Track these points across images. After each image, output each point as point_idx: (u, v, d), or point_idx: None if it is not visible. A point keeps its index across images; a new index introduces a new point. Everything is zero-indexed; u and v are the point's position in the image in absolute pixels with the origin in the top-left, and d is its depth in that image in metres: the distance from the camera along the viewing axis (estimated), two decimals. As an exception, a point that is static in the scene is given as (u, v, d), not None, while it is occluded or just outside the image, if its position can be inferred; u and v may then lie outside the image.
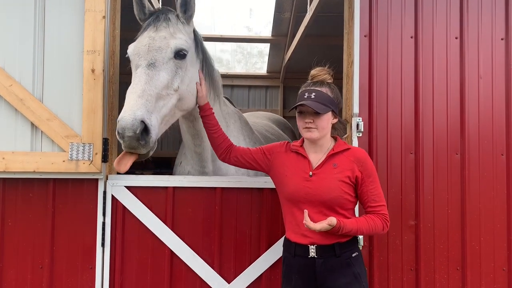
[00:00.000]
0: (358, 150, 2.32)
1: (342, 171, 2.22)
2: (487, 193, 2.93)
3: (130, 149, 2.19)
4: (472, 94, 2.97)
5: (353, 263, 2.21)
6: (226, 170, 2.99)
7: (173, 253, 2.77)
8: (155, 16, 2.53)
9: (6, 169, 2.65)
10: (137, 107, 2.16)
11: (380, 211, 2.22)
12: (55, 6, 2.77)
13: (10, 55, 2.74)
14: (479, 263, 2.91)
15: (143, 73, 2.30)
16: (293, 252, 2.25)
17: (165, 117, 2.37)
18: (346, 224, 2.13)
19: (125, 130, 2.10)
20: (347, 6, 3.00)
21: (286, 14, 6.27)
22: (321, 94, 2.22)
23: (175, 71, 2.42)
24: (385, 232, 2.26)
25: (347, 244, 2.22)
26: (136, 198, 2.77)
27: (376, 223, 2.19)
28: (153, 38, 2.43)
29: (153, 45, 2.40)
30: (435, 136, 2.94)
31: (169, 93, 2.37)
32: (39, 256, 2.76)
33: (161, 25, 2.49)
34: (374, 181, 2.24)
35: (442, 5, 3.01)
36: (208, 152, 2.94)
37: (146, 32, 2.49)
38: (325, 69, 2.36)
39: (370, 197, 2.22)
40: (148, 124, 2.16)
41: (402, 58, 2.97)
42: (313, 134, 2.23)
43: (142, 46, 2.41)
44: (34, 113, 2.69)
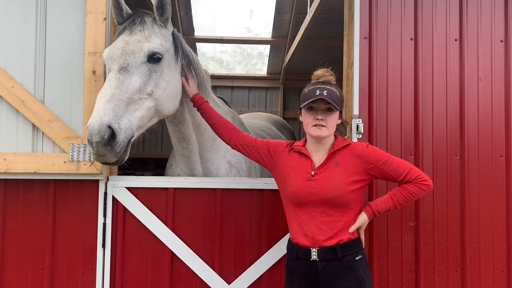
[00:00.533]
0: (357, 144, 2.33)
1: (345, 169, 2.22)
2: (486, 194, 2.94)
3: (98, 156, 2.12)
4: (472, 96, 2.99)
5: (357, 267, 2.18)
6: (216, 172, 2.98)
7: (174, 254, 2.78)
8: (131, 20, 2.49)
9: (8, 170, 2.66)
10: (104, 112, 2.12)
11: (410, 178, 2.23)
12: (56, 8, 2.78)
13: (12, 57, 2.75)
14: (478, 264, 2.91)
15: (113, 77, 2.26)
16: (295, 255, 2.24)
17: (141, 120, 2.32)
18: (381, 207, 2.27)
19: (92, 136, 2.07)
20: (347, 8, 3.01)
21: (286, 16, 6.29)
22: (332, 92, 2.24)
23: (148, 75, 2.37)
24: (431, 188, 2.26)
25: (350, 246, 2.20)
26: (137, 199, 2.78)
27: (410, 191, 2.23)
28: (127, 41, 2.39)
29: (127, 49, 2.36)
30: (435, 138, 2.95)
31: (142, 97, 2.32)
32: (40, 256, 2.77)
33: (136, 28, 2.44)
34: (386, 161, 2.25)
35: (442, 7, 3.03)
36: (196, 154, 2.92)
37: (121, 36, 2.45)
38: (329, 70, 2.38)
39: (393, 175, 2.25)
40: (116, 129, 2.12)
41: (402, 60, 2.98)
42: (323, 132, 2.22)
43: (116, 50, 2.37)
44: (35, 114, 2.70)
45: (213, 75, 7.83)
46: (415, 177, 2.23)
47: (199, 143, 2.90)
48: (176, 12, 6.00)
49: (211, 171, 2.97)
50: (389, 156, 2.28)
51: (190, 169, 2.95)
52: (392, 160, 2.26)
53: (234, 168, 3.04)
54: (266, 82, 8.20)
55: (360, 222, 2.24)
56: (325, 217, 2.18)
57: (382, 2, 2.99)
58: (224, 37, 7.14)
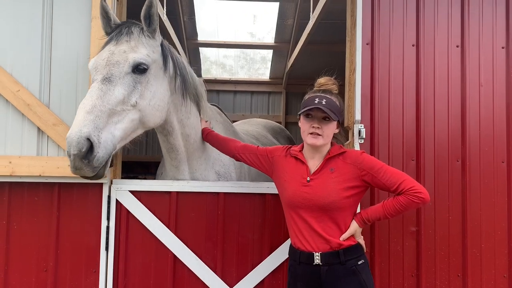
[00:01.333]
0: (352, 151, 2.34)
1: (340, 175, 2.24)
2: (487, 200, 2.95)
3: (76, 170, 2.06)
4: (473, 102, 3.00)
5: (359, 271, 2.19)
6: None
7: (176, 257, 2.79)
8: (118, 30, 2.44)
9: (13, 173, 2.69)
10: (84, 124, 2.06)
11: (403, 189, 2.17)
12: (62, 14, 2.82)
13: (18, 61, 2.79)
14: (480, 269, 2.92)
15: (96, 88, 2.21)
16: (298, 260, 2.26)
17: (124, 132, 2.27)
18: (371, 215, 2.25)
19: (70, 148, 2.02)
20: (350, 14, 3.04)
21: (289, 21, 6.33)
22: (331, 102, 2.24)
23: (133, 86, 2.31)
24: (425, 201, 2.16)
25: (352, 250, 2.22)
26: (140, 203, 2.81)
27: (401, 202, 2.17)
28: (113, 52, 2.34)
29: (111, 59, 2.31)
30: (436, 143, 2.96)
31: (125, 109, 2.27)
32: (44, 259, 2.79)
33: (123, 38, 2.39)
34: (380, 169, 2.22)
35: (444, 13, 3.05)
36: (185, 164, 2.88)
37: (107, 46, 2.41)
38: (332, 79, 2.38)
39: (386, 185, 2.21)
40: (95, 141, 2.06)
41: (404, 66, 3.00)
42: (317, 141, 2.23)
43: (101, 60, 2.33)
44: (40, 118, 2.73)
45: (216, 80, 7.93)
46: (408, 188, 2.16)
47: (188, 153, 2.86)
48: (180, 17, 6.04)
49: (198, 180, 2.93)
50: (383, 165, 2.26)
51: (178, 179, 2.90)
52: (386, 169, 2.23)
53: (222, 178, 3.02)
54: (268, 86, 8.24)
55: (351, 230, 2.24)
56: (321, 222, 2.21)
57: (384, 8, 3.02)
58: (227, 41, 7.18)
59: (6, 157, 2.71)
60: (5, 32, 2.80)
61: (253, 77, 8.42)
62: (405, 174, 2.24)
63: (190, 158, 2.88)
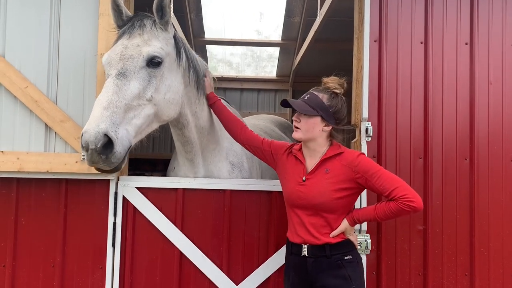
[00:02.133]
0: (350, 152, 2.34)
1: (334, 176, 2.27)
2: (496, 198, 2.93)
3: (92, 163, 2.09)
4: (482, 99, 2.97)
5: (344, 266, 2.25)
6: (218, 173, 2.95)
7: (182, 254, 2.80)
8: (131, 23, 2.41)
9: (20, 169, 2.71)
10: (101, 120, 2.06)
11: (395, 196, 2.17)
12: (70, 11, 2.83)
13: (26, 58, 2.80)
14: (487, 269, 2.90)
15: (111, 83, 2.20)
16: (290, 250, 2.38)
17: (139, 128, 2.28)
18: (362, 216, 2.30)
19: (88, 144, 2.02)
20: (357, 11, 3.02)
21: (296, 19, 6.30)
22: (314, 98, 2.30)
23: (148, 80, 2.31)
24: (417, 210, 2.16)
25: (339, 246, 2.28)
26: (147, 199, 2.81)
27: (391, 208, 2.19)
28: (126, 46, 2.32)
29: (125, 54, 2.29)
30: (444, 141, 2.94)
31: (141, 103, 2.27)
32: (51, 255, 2.80)
33: (135, 32, 2.37)
34: (374, 173, 2.22)
35: (452, 10, 3.02)
36: (199, 157, 2.89)
37: (120, 40, 2.38)
38: (338, 79, 2.38)
39: (379, 189, 2.22)
40: (113, 137, 2.06)
41: (412, 63, 2.98)
42: (296, 134, 2.32)
43: (114, 55, 2.31)
44: (48, 114, 2.74)
45: (222, 77, 7.93)
46: (401, 196, 2.16)
47: (202, 146, 2.87)
48: (187, 14, 6.04)
49: (212, 173, 2.94)
50: (380, 169, 2.24)
51: (192, 172, 2.91)
52: (381, 174, 2.22)
53: (236, 168, 3.03)
54: (275, 84, 8.21)
55: (340, 228, 2.28)
56: (313, 220, 2.29)
57: (392, 5, 2.99)
58: (234, 39, 7.16)
59: (14, 153, 2.73)
60: (14, 29, 2.81)
61: (259, 75, 8.40)
62: (400, 180, 2.22)
63: (205, 151, 2.90)
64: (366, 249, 2.73)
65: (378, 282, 2.85)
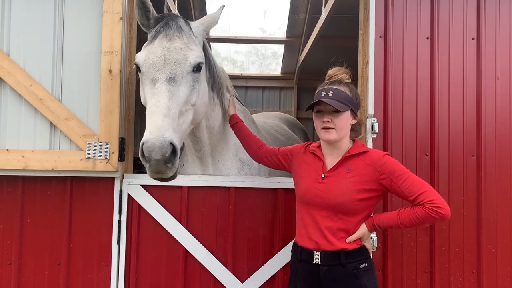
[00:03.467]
0: (374, 152, 2.22)
1: (356, 175, 2.14)
2: (504, 195, 2.89)
3: (156, 174, 2.03)
4: (489, 95, 2.94)
5: (361, 275, 2.09)
6: (227, 172, 2.97)
7: (187, 252, 2.80)
8: (164, 23, 2.34)
9: (26, 167, 2.71)
10: (164, 128, 2.01)
11: (422, 200, 2.03)
12: (74, 8, 2.83)
13: (31, 56, 2.80)
14: (495, 266, 2.87)
15: (164, 89, 2.14)
16: (299, 257, 2.21)
17: (183, 134, 2.27)
18: (383, 222, 2.14)
19: (152, 153, 1.95)
20: (362, 7, 3.00)
21: (300, 15, 6.28)
22: (339, 93, 2.15)
23: (192, 85, 2.29)
24: (445, 218, 2.03)
25: (355, 253, 2.13)
26: (152, 197, 2.81)
27: (417, 214, 2.04)
28: (168, 49, 2.26)
29: (170, 57, 2.23)
30: (451, 138, 2.91)
31: (188, 109, 2.25)
32: (57, 252, 2.81)
33: (174, 34, 2.30)
34: (401, 175, 2.09)
35: (459, 5, 2.99)
36: (209, 156, 2.91)
37: (158, 41, 2.30)
38: (342, 68, 2.29)
39: (405, 193, 2.08)
40: (176, 145, 2.03)
41: (418, 59, 2.95)
42: (331, 136, 2.15)
43: (157, 57, 2.23)
44: (53, 112, 2.74)
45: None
46: (429, 201, 2.03)
47: (212, 145, 2.89)
48: (192, 12, 6.04)
49: (221, 171, 2.96)
50: (407, 171, 2.12)
51: (202, 170, 2.94)
52: (408, 176, 2.09)
53: (246, 165, 3.05)
54: (280, 82, 8.19)
55: (358, 233, 2.14)
56: (330, 223, 2.13)
57: (397, 1, 2.96)
58: (238, 37, 7.15)
59: (19, 151, 2.73)
60: (18, 27, 2.81)
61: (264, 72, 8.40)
62: (428, 185, 2.10)
63: (214, 150, 2.92)
64: (372, 247, 2.72)
65: (384, 279, 2.83)
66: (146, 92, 2.23)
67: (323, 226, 2.14)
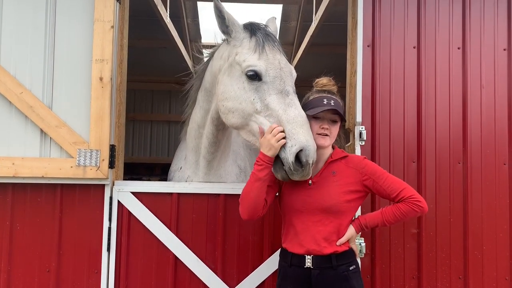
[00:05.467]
0: (354, 156, 2.37)
1: (341, 178, 2.24)
2: (489, 202, 2.94)
3: (305, 176, 2.15)
4: (475, 103, 2.99)
5: (350, 277, 2.18)
6: (226, 177, 3.02)
7: (177, 259, 2.81)
8: (264, 34, 2.46)
9: (16, 174, 2.72)
10: (311, 136, 2.17)
11: (404, 196, 2.20)
12: (65, 17, 2.85)
13: (21, 63, 2.82)
14: (481, 272, 2.91)
15: (297, 102, 2.30)
16: (289, 262, 2.24)
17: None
18: (369, 221, 2.27)
19: (309, 158, 2.10)
20: (351, 16, 3.05)
21: (292, 23, 6.34)
22: (338, 103, 2.26)
23: None
24: (424, 211, 2.21)
25: (344, 256, 2.21)
26: (142, 204, 2.82)
27: (401, 209, 2.19)
28: (284, 62, 2.42)
29: (287, 71, 2.39)
30: (438, 145, 2.96)
31: None
32: (46, 259, 2.81)
33: (276, 47, 2.45)
34: (381, 176, 2.25)
35: (445, 15, 3.05)
36: (217, 160, 2.95)
37: (270, 52, 2.40)
38: (332, 80, 2.38)
39: (387, 192, 2.23)
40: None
41: (405, 68, 3.00)
42: (326, 142, 2.23)
43: (278, 69, 2.36)
44: (43, 120, 2.76)
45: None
46: (409, 196, 2.20)
47: (222, 150, 2.94)
48: (184, 19, 6.07)
49: (221, 176, 3.00)
50: (385, 172, 2.29)
51: (204, 173, 2.95)
52: (387, 176, 2.26)
53: (242, 172, 3.11)
54: (272, 88, 8.20)
55: (347, 235, 2.22)
56: (321, 227, 2.19)
57: (385, 10, 3.02)
58: (230, 43, 7.16)
59: (9, 158, 2.74)
60: (9, 35, 2.83)
61: (256, 78, 8.40)
62: (404, 183, 2.27)
63: (222, 155, 2.96)
64: (361, 253, 2.74)
65: (372, 285, 2.85)
66: (272, 101, 2.29)
67: (315, 231, 2.19)
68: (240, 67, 2.39)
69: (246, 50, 2.41)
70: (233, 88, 2.41)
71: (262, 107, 2.30)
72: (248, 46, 2.43)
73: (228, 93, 2.43)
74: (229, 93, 2.42)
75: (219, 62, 2.60)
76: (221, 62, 2.58)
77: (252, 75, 2.33)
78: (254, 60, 2.35)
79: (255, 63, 2.34)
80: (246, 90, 2.35)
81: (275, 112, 2.24)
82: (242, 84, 2.38)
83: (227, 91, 2.44)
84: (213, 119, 2.74)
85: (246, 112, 2.34)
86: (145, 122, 8.70)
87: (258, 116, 2.30)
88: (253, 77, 2.33)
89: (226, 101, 2.44)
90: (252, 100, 2.33)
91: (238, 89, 2.39)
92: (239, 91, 2.38)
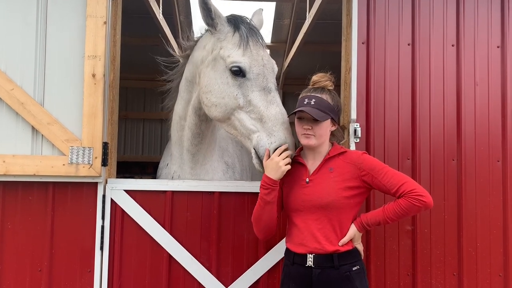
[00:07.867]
0: (353, 151, 2.32)
1: (339, 174, 2.21)
2: (483, 199, 2.95)
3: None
4: (468, 100, 3.01)
5: (353, 277, 2.13)
6: (213, 173, 2.98)
7: (171, 257, 2.78)
8: (248, 28, 2.46)
9: (7, 172, 2.68)
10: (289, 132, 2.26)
11: (404, 191, 2.10)
12: (57, 12, 2.80)
13: (12, 59, 2.77)
14: (475, 268, 2.92)
15: (279, 98, 2.36)
16: (292, 260, 2.23)
17: None
18: (370, 219, 2.20)
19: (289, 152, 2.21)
20: (345, 13, 3.04)
21: (285, 21, 6.32)
22: (321, 101, 2.19)
23: None
24: (428, 206, 2.10)
25: (347, 255, 2.17)
26: (135, 202, 2.79)
27: (401, 205, 2.10)
28: (266, 58, 2.44)
29: (269, 67, 2.42)
30: (432, 142, 2.96)
31: None
32: (38, 259, 2.77)
33: (260, 42, 2.47)
34: (380, 170, 2.17)
35: (439, 13, 3.05)
36: (201, 155, 2.91)
37: (254, 48, 2.42)
38: (327, 75, 2.31)
39: (386, 187, 2.15)
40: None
41: (400, 65, 3.00)
42: (310, 141, 2.20)
43: (261, 66, 2.38)
44: (35, 117, 2.72)
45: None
46: (410, 191, 2.09)
47: (207, 143, 2.91)
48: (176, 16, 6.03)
49: (207, 172, 2.96)
50: (385, 166, 2.20)
51: (190, 167, 2.92)
52: (387, 171, 2.17)
53: (230, 168, 3.07)
54: (265, 86, 8.19)
55: (349, 234, 2.18)
56: (320, 225, 2.17)
57: (380, 8, 3.02)
58: (223, 41, 7.14)
59: (0, 156, 2.69)
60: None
61: (249, 77, 8.39)
62: (406, 177, 2.18)
63: (208, 149, 2.93)
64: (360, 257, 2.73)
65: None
66: (255, 97, 2.34)
67: (315, 230, 2.17)
68: (224, 62, 2.42)
69: (231, 45, 2.43)
70: (216, 82, 2.44)
71: (245, 103, 2.35)
72: (233, 41, 2.44)
73: (211, 86, 2.46)
74: (213, 87, 2.45)
75: (202, 52, 2.60)
76: (204, 53, 2.58)
77: (236, 71, 2.37)
78: (239, 56, 2.38)
79: (239, 59, 2.37)
80: (230, 85, 2.39)
81: (257, 109, 2.31)
82: (226, 79, 2.40)
83: (210, 84, 2.46)
84: (195, 109, 2.72)
85: (229, 106, 2.39)
86: (138, 120, 8.64)
87: (240, 111, 2.36)
88: (237, 72, 2.37)
89: (209, 94, 2.47)
90: (235, 96, 2.37)
91: (221, 84, 2.41)
92: (222, 85, 2.41)
